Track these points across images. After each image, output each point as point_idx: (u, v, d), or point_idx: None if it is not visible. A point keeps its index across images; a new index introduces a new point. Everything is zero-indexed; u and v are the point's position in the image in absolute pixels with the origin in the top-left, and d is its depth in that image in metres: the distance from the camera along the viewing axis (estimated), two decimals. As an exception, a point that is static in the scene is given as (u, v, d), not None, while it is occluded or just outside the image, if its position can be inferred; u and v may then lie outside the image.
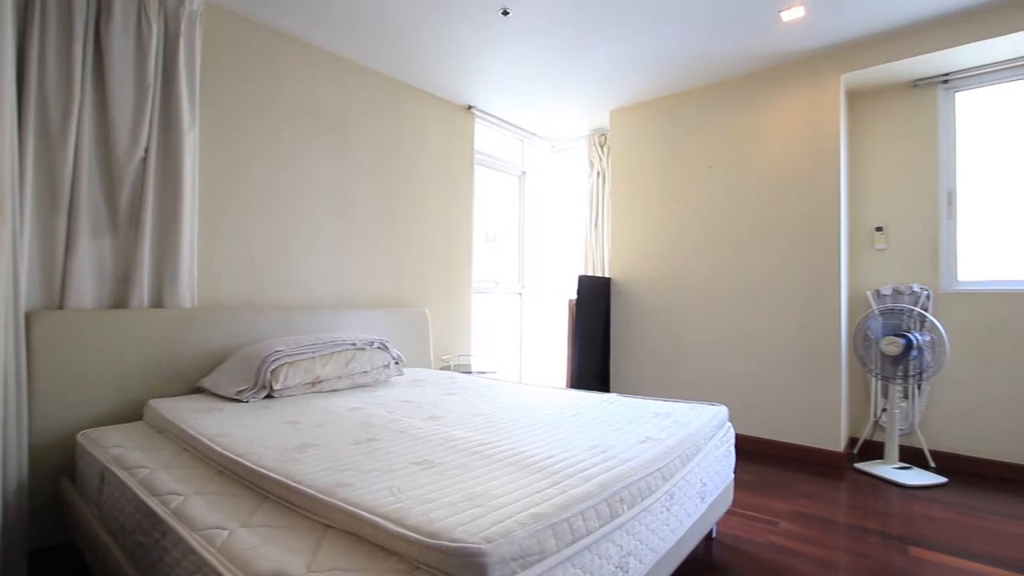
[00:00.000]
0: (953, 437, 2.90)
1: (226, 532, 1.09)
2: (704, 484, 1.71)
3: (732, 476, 2.03)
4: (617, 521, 1.18)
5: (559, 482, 1.19)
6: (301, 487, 1.17)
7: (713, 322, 3.41)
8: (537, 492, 1.12)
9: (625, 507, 1.22)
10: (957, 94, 2.98)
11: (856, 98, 3.25)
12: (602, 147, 4.22)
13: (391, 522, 0.98)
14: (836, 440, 2.95)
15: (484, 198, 4.28)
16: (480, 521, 0.97)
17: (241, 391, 2.08)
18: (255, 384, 2.11)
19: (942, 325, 2.79)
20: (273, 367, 2.15)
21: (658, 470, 1.41)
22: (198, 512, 1.19)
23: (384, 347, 2.63)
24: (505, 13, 2.60)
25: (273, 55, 2.72)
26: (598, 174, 4.25)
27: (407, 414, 1.89)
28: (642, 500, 1.30)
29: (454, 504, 1.04)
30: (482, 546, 0.88)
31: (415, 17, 2.65)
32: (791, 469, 2.91)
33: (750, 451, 3.17)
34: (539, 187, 4.76)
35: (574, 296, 3.70)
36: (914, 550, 2.00)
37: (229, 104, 2.56)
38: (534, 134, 4.53)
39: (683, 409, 1.96)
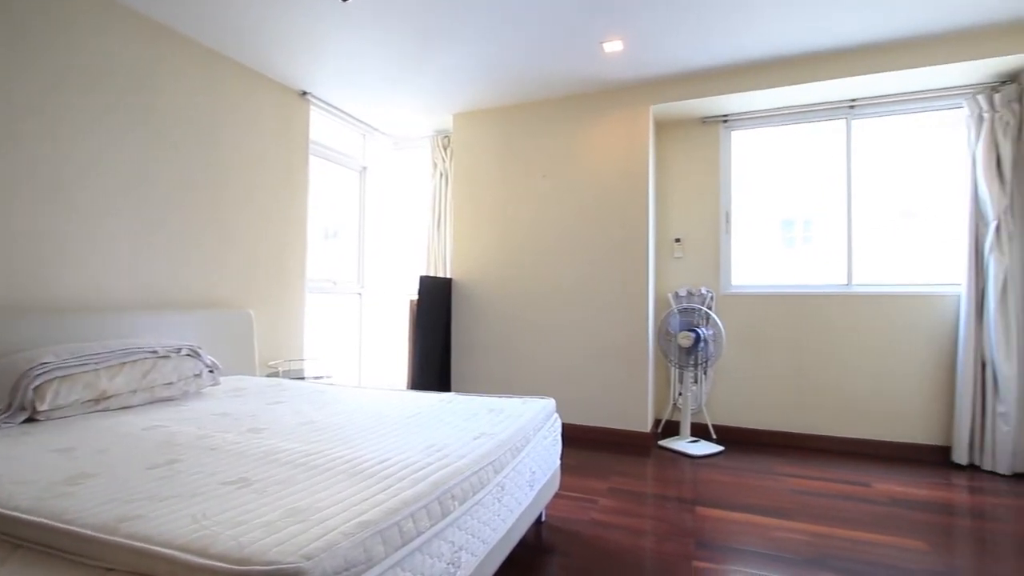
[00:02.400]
0: (729, 412, 3.54)
1: (-47, 598, 0.86)
2: (533, 473, 1.83)
3: (559, 463, 2.20)
4: (449, 518, 1.20)
5: (391, 486, 1.17)
6: (71, 527, 0.97)
7: (544, 321, 3.67)
8: (367, 499, 1.09)
9: (457, 503, 1.25)
10: (733, 132, 3.65)
11: (662, 127, 3.78)
12: (445, 149, 4.26)
13: (192, 553, 0.87)
14: (644, 422, 3.39)
15: (322, 192, 4.02)
16: (300, 538, 0.91)
17: (-14, 416, 1.65)
18: (9, 406, 1.69)
19: (721, 321, 3.39)
20: (37, 383, 1.74)
21: (490, 464, 1.47)
22: (-93, 578, 0.91)
23: (195, 354, 2.31)
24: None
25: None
26: (441, 175, 4.28)
27: (222, 428, 1.68)
28: (474, 495, 1.34)
29: (271, 523, 0.96)
30: (300, 564, 0.83)
31: (238, -15, 2.39)
32: (609, 451, 3.26)
33: (575, 438, 3.48)
34: (381, 184, 4.62)
35: (416, 296, 3.67)
36: (700, 509, 2.40)
37: (-29, 51, 2.01)
38: (376, 129, 4.39)
39: (515, 404, 2.08)
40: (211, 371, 2.36)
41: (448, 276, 4.10)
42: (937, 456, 3.08)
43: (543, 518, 2.24)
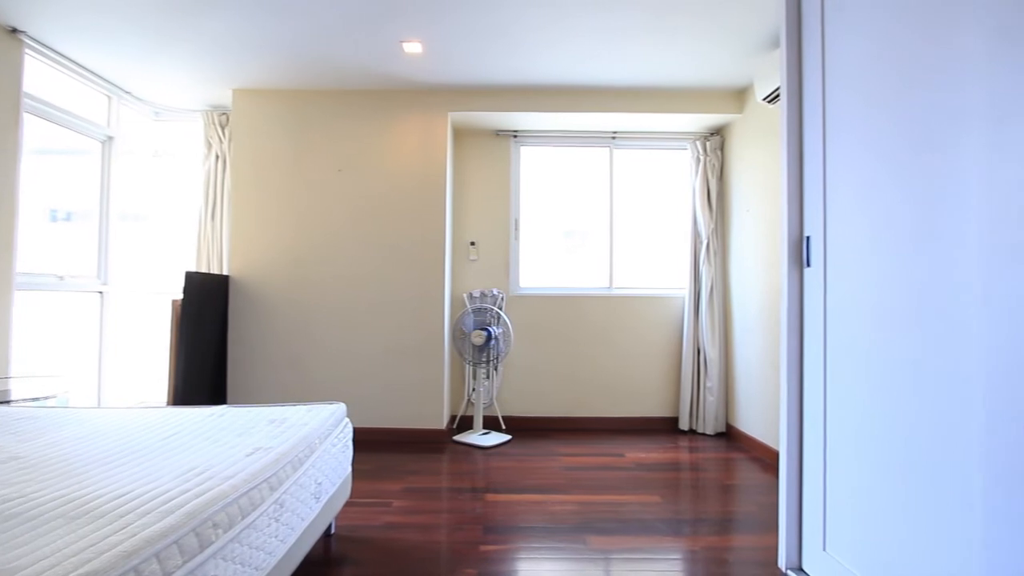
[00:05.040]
0: (516, 403, 3.86)
1: None
2: (319, 484, 1.73)
3: (350, 469, 2.12)
4: (209, 550, 1.06)
5: (130, 524, 0.98)
6: None
7: (339, 322, 3.50)
8: (93, 545, 0.90)
9: (220, 531, 1.11)
10: (522, 147, 3.99)
11: (460, 134, 3.94)
12: (223, 128, 3.74)
13: None
14: (440, 419, 3.49)
15: (46, 163, 3.16)
16: (-19, 611, 0.70)
17: None
18: None
19: (510, 320, 3.69)
20: None
21: (265, 481, 1.34)
22: None
23: None
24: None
25: None
26: (217, 157, 3.74)
27: None
28: (243, 518, 1.21)
29: (-70, 601, 0.72)
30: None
31: None
32: (404, 451, 3.27)
33: (370, 441, 3.38)
34: (135, 160, 3.83)
35: (180, 296, 3.14)
36: (489, 496, 2.57)
37: None
38: (129, 93, 3.62)
39: (300, 412, 1.93)
40: None
41: (225, 273, 3.60)
42: (669, 425, 3.85)
43: (332, 530, 2.14)
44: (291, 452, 1.53)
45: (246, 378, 3.49)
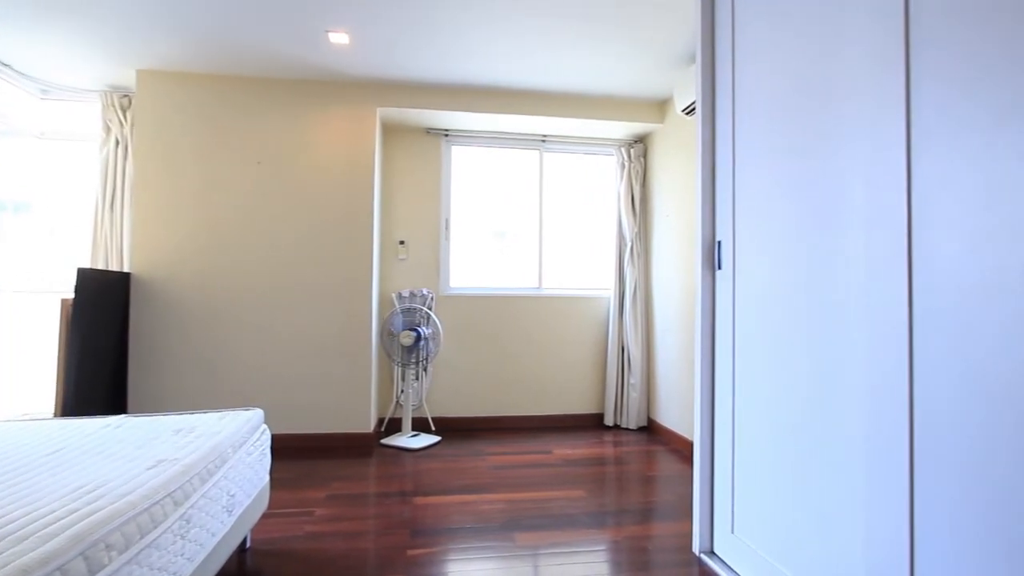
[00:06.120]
0: (446, 404, 3.83)
1: None
2: (232, 496, 1.62)
3: (267, 479, 2.01)
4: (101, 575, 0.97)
5: (1, 553, 0.88)
6: None
7: (257, 322, 3.31)
8: (-46, 579, 0.79)
9: (115, 553, 1.02)
10: (453, 147, 3.97)
11: (390, 131, 3.85)
12: (124, 111, 3.42)
13: None
14: (367, 422, 3.39)
15: None
16: None
17: None
18: None
19: (439, 320, 3.65)
20: None
21: (169, 495, 1.24)
22: None
23: None
24: None
25: None
26: (117, 142, 3.41)
27: None
28: (143, 537, 1.11)
29: None
30: None
31: None
32: (328, 457, 3.15)
33: (292, 448, 3.24)
34: (18, 143, 3.41)
35: (71, 295, 2.83)
36: (418, 499, 2.53)
37: None
38: (8, 65, 3.21)
39: (211, 420, 1.81)
40: None
41: (125, 269, 3.29)
42: (595, 421, 3.98)
43: (248, 543, 2.02)
44: (200, 463, 1.43)
45: (150, 385, 3.21)
